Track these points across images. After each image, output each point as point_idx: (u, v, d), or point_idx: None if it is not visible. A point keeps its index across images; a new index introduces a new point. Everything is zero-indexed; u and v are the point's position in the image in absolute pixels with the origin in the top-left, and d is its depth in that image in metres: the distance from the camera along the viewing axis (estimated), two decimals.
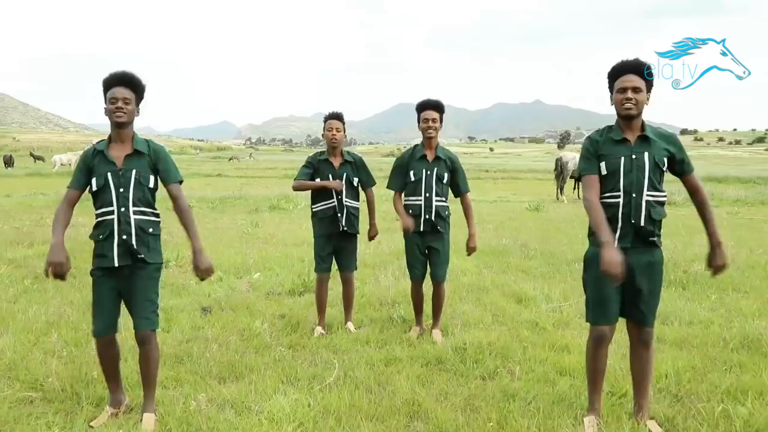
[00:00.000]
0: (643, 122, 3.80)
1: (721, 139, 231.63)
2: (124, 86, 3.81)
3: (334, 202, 5.80)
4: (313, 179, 5.87)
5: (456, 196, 5.87)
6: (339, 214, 5.79)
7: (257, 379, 4.71)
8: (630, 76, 3.71)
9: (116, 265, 3.81)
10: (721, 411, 4.10)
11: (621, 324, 3.96)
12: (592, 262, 3.86)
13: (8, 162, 45.95)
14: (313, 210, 5.94)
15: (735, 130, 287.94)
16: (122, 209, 3.78)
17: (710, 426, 3.95)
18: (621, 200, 3.73)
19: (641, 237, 3.77)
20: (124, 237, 3.79)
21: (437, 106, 5.70)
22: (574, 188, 23.38)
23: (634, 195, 3.72)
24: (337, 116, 5.89)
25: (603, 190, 3.79)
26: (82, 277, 8.00)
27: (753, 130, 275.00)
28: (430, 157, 5.68)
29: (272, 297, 7.25)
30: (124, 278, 3.88)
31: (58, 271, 3.73)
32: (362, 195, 6.07)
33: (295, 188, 6.07)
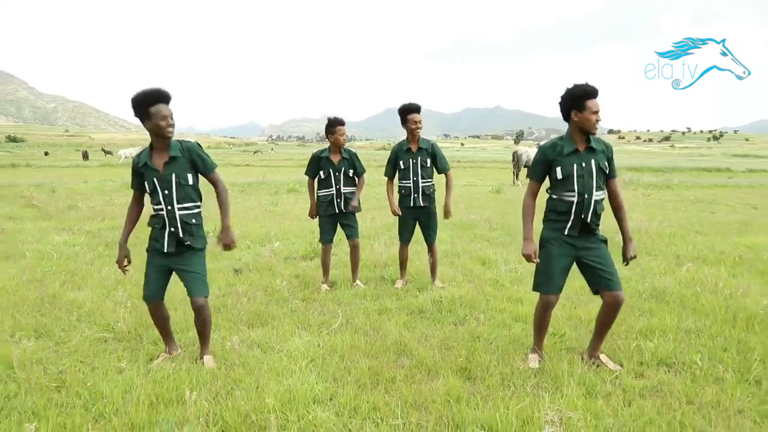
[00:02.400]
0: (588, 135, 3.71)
1: (638, 138, 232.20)
2: (165, 103, 3.61)
3: (333, 190, 5.85)
4: (317, 173, 5.91)
5: (440, 174, 5.92)
6: (338, 200, 5.84)
7: (278, 325, 4.71)
8: (597, 101, 3.63)
9: (166, 251, 3.77)
10: (635, 346, 4.16)
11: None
12: (544, 242, 3.84)
13: (85, 156, 46.53)
14: (318, 195, 5.96)
15: (648, 130, 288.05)
16: (169, 207, 3.72)
17: (627, 357, 4.01)
18: (575, 199, 3.70)
19: (586, 227, 3.75)
20: (173, 229, 3.74)
21: (419, 109, 5.72)
22: (527, 175, 23.34)
23: (586, 196, 3.69)
24: (343, 123, 5.89)
25: (560, 190, 3.75)
26: (142, 245, 7.93)
27: (662, 131, 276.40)
28: (414, 148, 5.74)
29: (289, 261, 7.24)
30: (175, 257, 3.81)
31: (120, 267, 3.91)
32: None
33: (308, 185, 6.10)
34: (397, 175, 5.90)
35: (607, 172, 3.78)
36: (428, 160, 5.74)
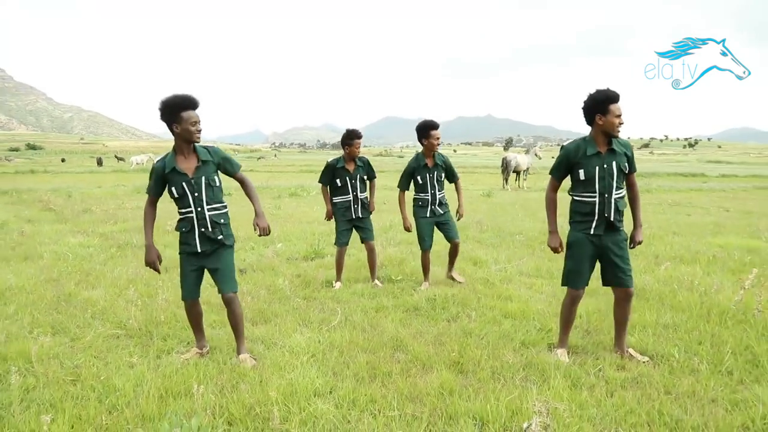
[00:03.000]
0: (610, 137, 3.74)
1: None
2: (195, 109, 3.55)
3: (350, 197, 5.87)
4: (333, 181, 5.90)
5: (450, 183, 5.98)
6: (355, 206, 5.88)
7: (280, 322, 4.71)
8: (619, 105, 3.63)
9: (199, 250, 3.71)
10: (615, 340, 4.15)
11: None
12: (572, 243, 3.85)
13: (99, 162, 46.52)
14: (335, 201, 5.96)
15: (629, 138, 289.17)
16: (198, 209, 3.66)
17: (609, 350, 4.01)
18: (597, 199, 3.71)
19: (610, 224, 3.76)
20: (203, 230, 3.68)
21: (439, 126, 5.76)
22: (516, 180, 23.33)
23: (606, 195, 3.70)
24: (360, 136, 5.93)
25: (581, 190, 3.76)
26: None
27: (641, 138, 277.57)
28: (430, 163, 5.75)
29: (291, 261, 7.22)
30: (207, 256, 3.75)
31: (153, 267, 3.75)
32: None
33: (322, 191, 6.08)
34: (412, 187, 5.89)
35: (627, 171, 3.79)
36: (443, 174, 5.82)
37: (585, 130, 3.87)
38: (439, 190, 5.80)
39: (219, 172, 3.79)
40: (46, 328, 4.48)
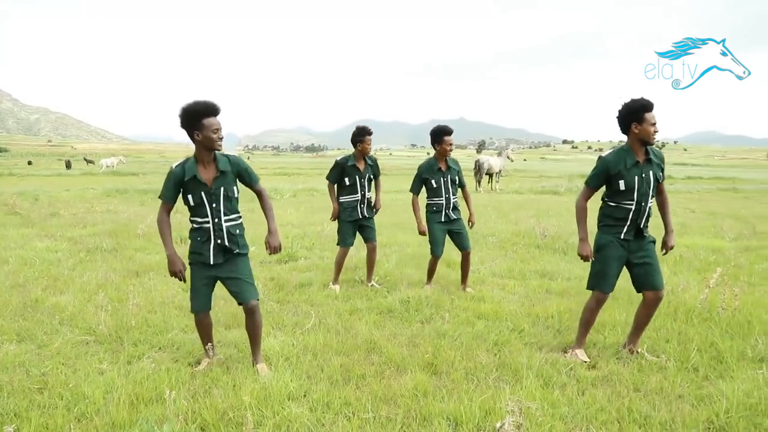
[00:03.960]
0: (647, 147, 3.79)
1: (589, 147, 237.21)
2: (216, 115, 3.44)
3: (358, 196, 5.81)
4: (341, 179, 5.82)
5: (459, 188, 5.94)
6: (361, 206, 5.83)
7: None
8: (654, 113, 3.67)
9: (212, 263, 3.59)
10: (588, 339, 4.22)
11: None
12: (602, 246, 3.88)
13: (68, 165, 45.29)
14: (342, 201, 5.87)
15: (599, 140, 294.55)
16: (216, 220, 3.55)
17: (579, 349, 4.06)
18: (633, 207, 3.76)
19: (639, 231, 3.83)
20: (219, 241, 3.57)
21: (452, 132, 5.74)
22: (489, 182, 23.51)
23: (642, 204, 3.76)
24: (371, 132, 5.87)
25: (620, 198, 3.79)
26: (122, 251, 7.82)
27: (611, 141, 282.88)
28: (444, 167, 5.71)
29: (264, 264, 7.16)
30: (221, 267, 3.62)
31: (180, 276, 3.57)
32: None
33: (329, 189, 6.00)
34: (424, 192, 5.84)
35: (660, 180, 3.85)
36: (456, 178, 5.76)
37: (556, 133, 3.93)
38: (453, 194, 5.74)
39: (238, 183, 3.67)
40: (12, 336, 4.35)
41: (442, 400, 3.23)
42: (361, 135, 5.75)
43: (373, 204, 6.01)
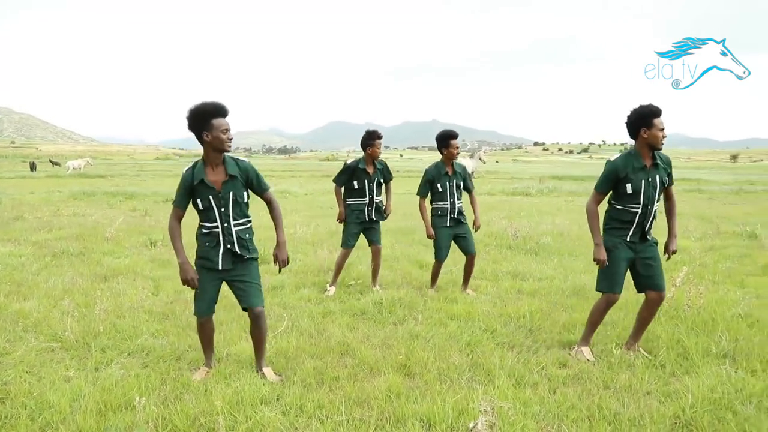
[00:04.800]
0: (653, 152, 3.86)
1: (560, 149, 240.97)
2: (225, 116, 3.39)
3: (366, 199, 5.80)
4: (350, 182, 5.79)
5: (467, 192, 5.93)
6: (369, 209, 5.81)
7: (225, 330, 4.60)
8: (662, 119, 3.73)
9: (220, 269, 3.51)
10: (559, 338, 4.29)
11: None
12: (610, 248, 3.92)
13: (33, 167, 43.87)
14: (350, 203, 5.85)
15: (569, 142, 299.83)
16: (225, 224, 3.48)
17: (550, 348, 4.15)
18: (639, 210, 3.82)
19: (644, 234, 3.89)
20: (228, 246, 3.50)
21: (458, 136, 5.75)
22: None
23: (648, 207, 3.83)
24: (381, 136, 5.85)
25: (626, 201, 3.84)
26: (90, 255, 7.65)
27: (581, 143, 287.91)
28: (450, 171, 5.72)
29: None
30: (230, 270, 3.55)
31: (191, 285, 3.47)
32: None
33: (336, 192, 5.93)
34: (430, 196, 5.81)
35: (667, 184, 3.93)
36: (462, 183, 5.77)
37: (527, 135, 4.00)
38: (458, 199, 5.75)
39: (248, 189, 3.61)
40: None
41: (415, 402, 3.24)
42: (371, 139, 5.75)
43: (384, 208, 6.00)
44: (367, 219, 5.84)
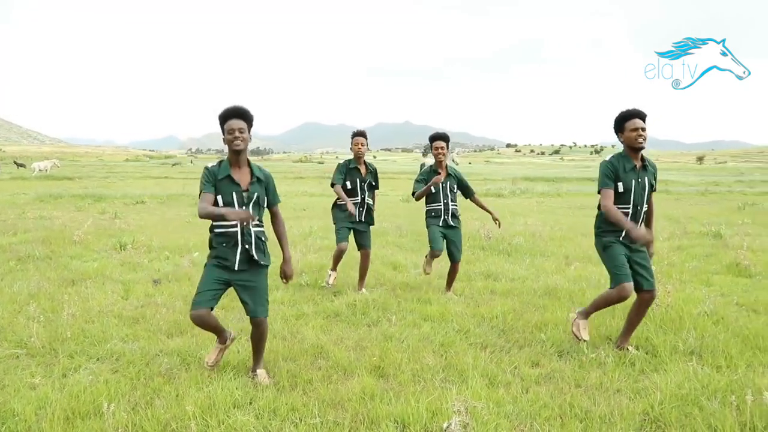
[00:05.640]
0: (642, 154, 3.98)
1: (532, 151, 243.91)
2: (237, 118, 3.41)
3: (357, 199, 5.83)
4: (345, 182, 5.82)
5: (467, 198, 5.95)
6: (360, 209, 5.84)
7: (197, 333, 4.52)
8: (637, 120, 3.88)
9: (236, 269, 3.48)
10: (532, 338, 4.34)
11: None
12: (608, 245, 4.00)
13: None
14: (339, 203, 5.87)
15: (541, 144, 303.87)
16: (245, 224, 3.45)
17: (522, 348, 4.20)
18: (630, 210, 3.95)
19: None
20: (246, 246, 3.49)
21: (445, 137, 5.73)
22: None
23: (638, 207, 3.97)
24: (363, 134, 5.85)
25: (617, 202, 3.95)
26: (57, 259, 7.48)
27: (552, 145, 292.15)
28: (443, 174, 5.73)
29: None
30: (241, 273, 3.51)
31: (247, 216, 3.20)
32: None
33: (337, 192, 5.85)
34: (424, 198, 5.81)
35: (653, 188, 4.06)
36: (455, 185, 5.79)
37: (499, 137, 4.05)
38: (452, 201, 5.76)
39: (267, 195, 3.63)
40: None
41: (389, 403, 3.24)
42: (352, 137, 5.82)
43: (373, 212, 6.03)
44: (356, 219, 5.85)
